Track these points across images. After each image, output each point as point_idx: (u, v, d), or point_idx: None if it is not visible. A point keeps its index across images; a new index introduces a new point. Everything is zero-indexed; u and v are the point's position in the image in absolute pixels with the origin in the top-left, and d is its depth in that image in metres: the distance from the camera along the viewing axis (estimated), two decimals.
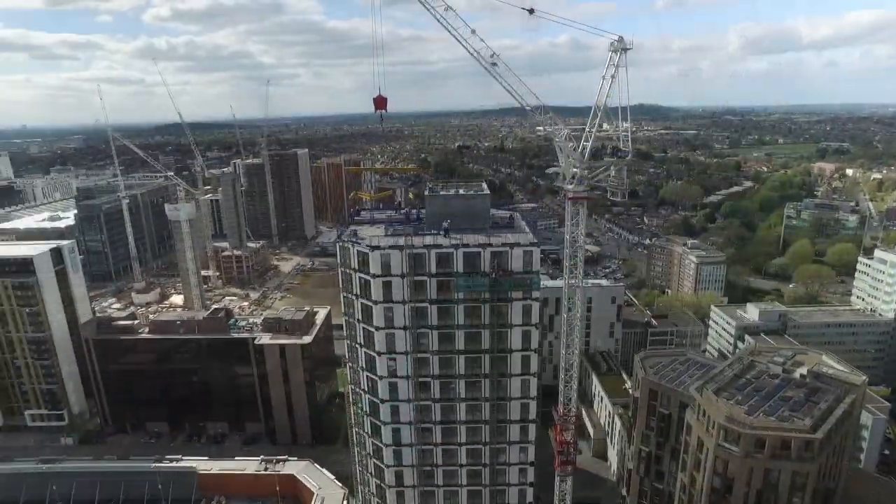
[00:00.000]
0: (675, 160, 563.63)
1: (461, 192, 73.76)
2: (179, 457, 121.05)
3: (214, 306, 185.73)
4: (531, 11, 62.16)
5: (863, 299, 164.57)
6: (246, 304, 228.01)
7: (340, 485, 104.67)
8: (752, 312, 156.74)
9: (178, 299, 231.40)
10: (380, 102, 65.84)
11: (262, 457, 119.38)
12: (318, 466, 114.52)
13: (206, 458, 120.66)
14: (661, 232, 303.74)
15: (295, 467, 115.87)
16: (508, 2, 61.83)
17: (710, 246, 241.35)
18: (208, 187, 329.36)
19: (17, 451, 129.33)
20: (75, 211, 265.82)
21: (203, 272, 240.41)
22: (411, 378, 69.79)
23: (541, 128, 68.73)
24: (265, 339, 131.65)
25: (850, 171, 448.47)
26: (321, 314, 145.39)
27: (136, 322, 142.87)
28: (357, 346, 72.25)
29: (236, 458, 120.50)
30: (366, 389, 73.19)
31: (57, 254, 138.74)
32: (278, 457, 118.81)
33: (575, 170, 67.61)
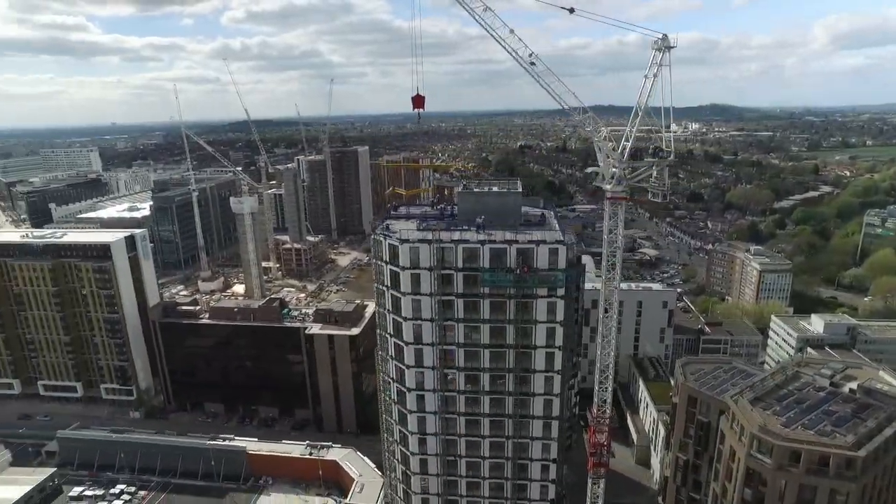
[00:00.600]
0: (745, 163, 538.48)
1: (494, 189, 74.54)
2: (232, 437, 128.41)
3: (273, 296, 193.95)
4: (571, 11, 62.12)
5: None
6: (303, 295, 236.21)
7: (380, 473, 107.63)
8: (816, 324, 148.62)
9: (239, 288, 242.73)
10: (417, 101, 67.66)
11: (307, 442, 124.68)
12: (360, 454, 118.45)
13: (255, 439, 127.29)
14: (726, 237, 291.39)
15: (338, 454, 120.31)
16: (550, 2, 61.98)
17: (775, 253, 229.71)
18: (273, 182, 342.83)
19: (93, 420, 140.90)
20: (151, 202, 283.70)
21: (264, 263, 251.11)
22: (437, 369, 71.40)
23: (605, 128, 68.30)
24: (315, 328, 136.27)
25: None
26: (371, 307, 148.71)
27: (197, 308, 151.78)
28: (387, 335, 74.50)
29: (283, 442, 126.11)
30: (394, 378, 75.35)
31: (130, 241, 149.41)
32: (323, 443, 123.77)
33: (614, 170, 67.01)
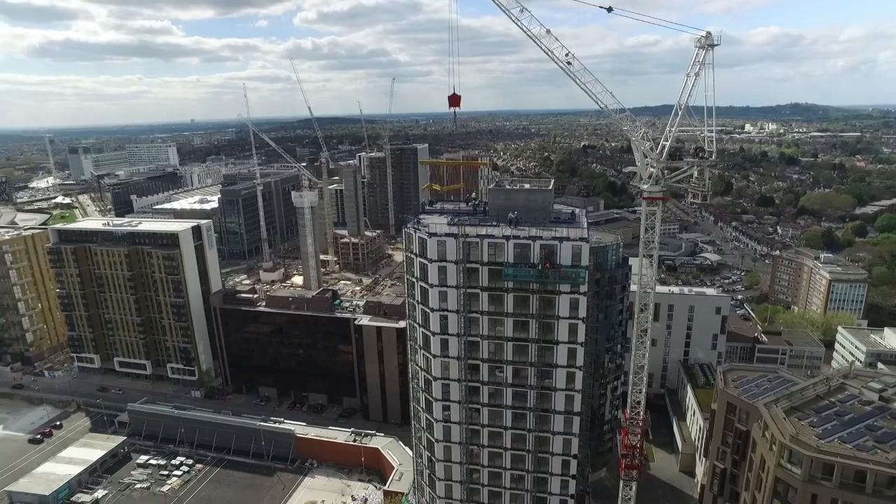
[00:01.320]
0: (825, 165, 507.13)
1: (526, 186, 75.42)
2: (282, 420, 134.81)
3: (326, 287, 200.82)
4: (609, 10, 62.02)
5: None
6: (358, 288, 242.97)
7: None
8: (890, 338, 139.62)
9: (298, 280, 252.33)
10: (453, 100, 69.30)
11: (352, 429, 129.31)
12: (401, 444, 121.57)
13: (304, 423, 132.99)
14: (796, 243, 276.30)
15: (380, 442, 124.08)
16: (589, 1, 62.13)
17: (850, 262, 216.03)
18: (336, 178, 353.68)
19: (160, 396, 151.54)
20: (219, 195, 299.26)
21: (322, 256, 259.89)
22: (462, 359, 73.23)
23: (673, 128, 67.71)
24: (365, 320, 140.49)
25: None
26: None
27: (255, 296, 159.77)
28: (416, 325, 77.00)
29: (330, 428, 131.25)
30: (422, 367, 77.78)
31: (197, 231, 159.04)
32: (367, 431, 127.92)
33: (651, 169, 66.34)
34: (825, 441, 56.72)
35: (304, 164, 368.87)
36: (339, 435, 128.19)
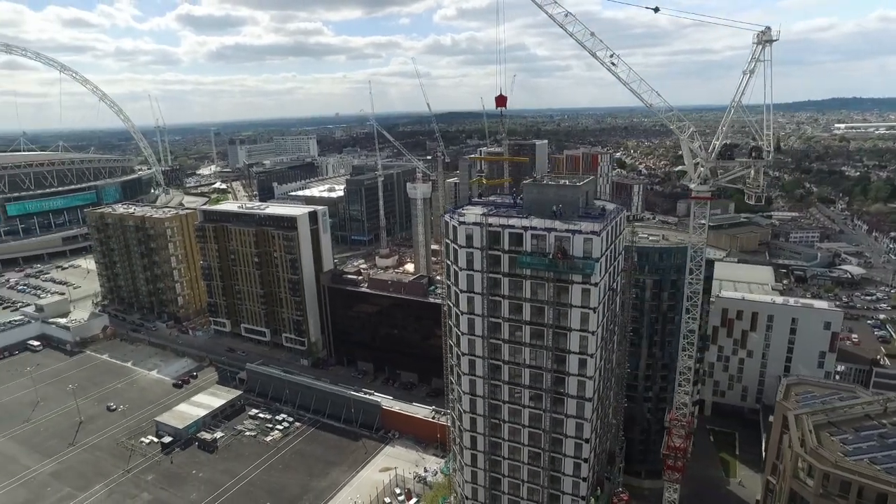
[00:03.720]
0: None
1: (563, 182, 77.87)
2: (372, 392, 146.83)
3: (422, 274, 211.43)
4: (656, 10, 62.35)
5: None
6: None
7: None
8: None
9: (410, 267, 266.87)
10: (500, 101, 73.53)
11: (433, 407, 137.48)
12: None
13: (391, 398, 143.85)
14: None
15: None
16: (633, 3, 63.02)
17: None
18: (457, 171, 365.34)
19: (274, 361, 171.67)
20: (345, 185, 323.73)
21: (434, 246, 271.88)
22: (485, 338, 78.47)
23: (840, 125, 67.34)
24: None
25: None
26: None
27: (360, 277, 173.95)
28: (450, 304, 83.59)
29: (414, 404, 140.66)
30: (454, 343, 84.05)
31: (313, 216, 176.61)
32: (446, 410, 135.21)
33: (701, 169, 65.46)
34: (851, 459, 53.20)
35: (430, 157, 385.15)
36: (420, 411, 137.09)
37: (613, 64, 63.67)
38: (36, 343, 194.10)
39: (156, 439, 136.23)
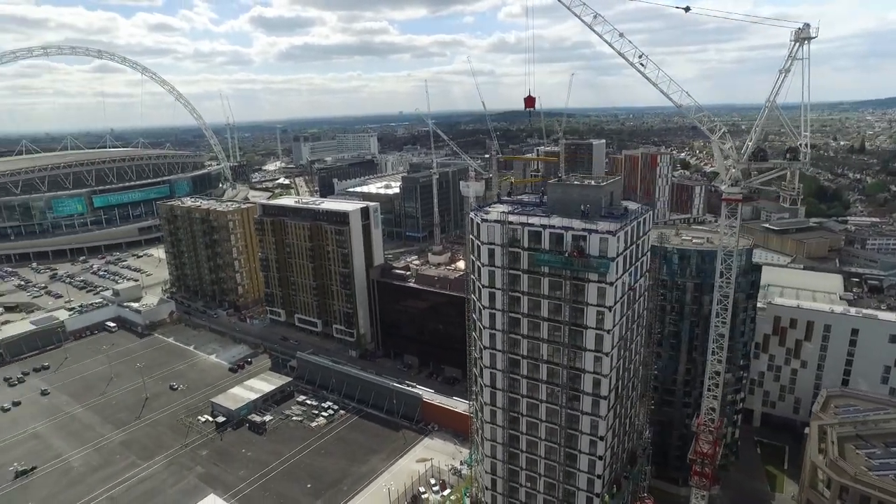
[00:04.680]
0: None
1: (588, 182, 78.04)
2: (415, 385, 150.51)
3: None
4: (687, 10, 61.63)
5: None
6: None
7: None
8: None
9: (462, 265, 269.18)
10: (529, 102, 74.61)
11: (471, 402, 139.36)
12: None
13: (432, 391, 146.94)
14: None
15: None
16: (663, 3, 62.53)
17: None
18: (512, 170, 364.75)
19: (324, 351, 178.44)
20: (401, 182, 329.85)
21: None
22: (505, 332, 79.90)
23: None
24: None
25: None
26: None
27: (408, 273, 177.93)
28: (473, 298, 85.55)
29: (454, 398, 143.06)
30: (477, 336, 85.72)
31: (365, 212, 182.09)
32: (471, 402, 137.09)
33: (733, 170, 64.16)
34: (875, 474, 51.05)
35: (487, 155, 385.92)
36: (459, 405, 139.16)
37: (642, 65, 63.53)
38: (112, 324, 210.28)
39: (211, 418, 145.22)
